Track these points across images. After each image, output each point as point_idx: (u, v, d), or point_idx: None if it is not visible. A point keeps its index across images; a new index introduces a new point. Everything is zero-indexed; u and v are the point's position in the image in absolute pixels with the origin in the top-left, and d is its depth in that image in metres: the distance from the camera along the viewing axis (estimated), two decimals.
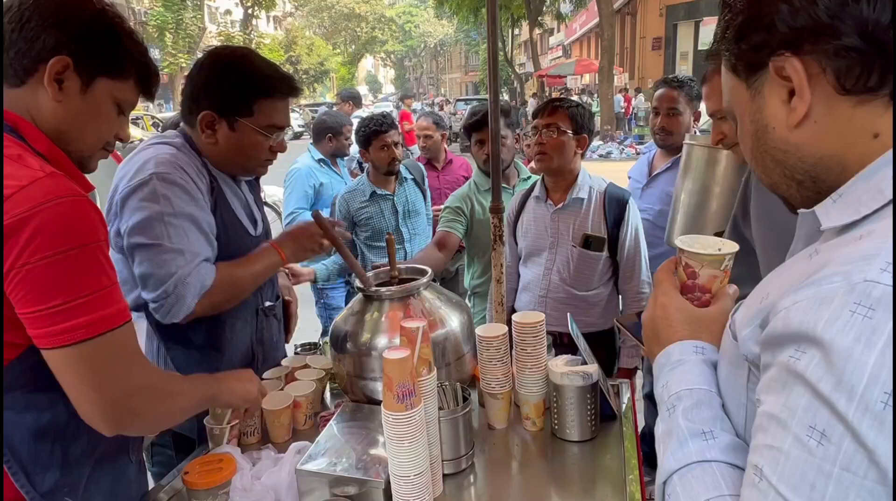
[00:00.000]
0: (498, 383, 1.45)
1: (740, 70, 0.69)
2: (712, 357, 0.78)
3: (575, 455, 1.38)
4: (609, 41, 16.65)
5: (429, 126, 3.73)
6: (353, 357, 1.49)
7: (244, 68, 1.48)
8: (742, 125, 0.72)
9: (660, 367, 0.81)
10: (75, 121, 1.05)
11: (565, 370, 1.40)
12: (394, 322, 1.46)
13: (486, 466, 1.35)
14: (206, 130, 1.48)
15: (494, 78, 1.78)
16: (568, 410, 1.40)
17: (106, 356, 0.96)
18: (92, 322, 0.94)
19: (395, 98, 59.56)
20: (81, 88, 1.04)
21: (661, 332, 0.83)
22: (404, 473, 1.12)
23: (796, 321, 0.55)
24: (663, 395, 0.77)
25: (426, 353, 1.21)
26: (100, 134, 1.11)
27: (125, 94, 1.11)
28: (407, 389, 1.09)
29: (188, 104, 1.51)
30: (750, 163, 0.74)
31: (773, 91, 0.65)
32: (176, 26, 27.21)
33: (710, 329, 0.81)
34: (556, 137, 2.10)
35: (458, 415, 1.28)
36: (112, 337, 0.96)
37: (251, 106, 1.47)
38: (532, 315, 1.47)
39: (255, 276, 1.54)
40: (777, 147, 0.67)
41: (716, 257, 0.85)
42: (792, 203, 0.71)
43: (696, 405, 0.72)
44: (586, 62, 26.27)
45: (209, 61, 1.51)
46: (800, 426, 0.53)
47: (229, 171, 1.58)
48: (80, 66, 1.03)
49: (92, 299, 0.93)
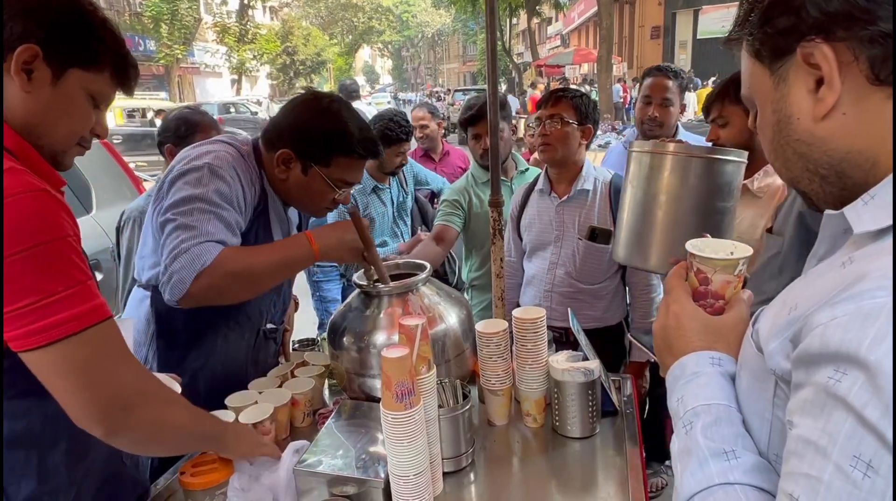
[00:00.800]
0: (498, 379, 1.44)
1: (764, 56, 0.65)
2: (730, 369, 0.74)
3: (576, 452, 1.37)
4: (607, 30, 16.55)
5: (424, 116, 3.70)
6: (352, 354, 1.47)
7: (335, 122, 1.48)
8: (762, 115, 0.69)
9: (674, 379, 0.77)
10: (46, 114, 0.99)
11: (566, 366, 1.38)
12: (392, 318, 1.45)
13: (487, 463, 1.34)
14: (280, 165, 1.50)
15: (493, 69, 1.76)
16: (569, 406, 1.38)
17: (90, 353, 0.92)
18: (69, 319, 0.89)
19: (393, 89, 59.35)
20: (52, 79, 0.98)
21: (675, 342, 0.79)
22: (404, 473, 1.11)
23: (836, 339, 0.51)
24: (678, 410, 0.73)
25: (425, 351, 1.19)
26: (73, 128, 1.05)
27: (100, 86, 1.05)
28: (406, 388, 1.07)
29: (271, 133, 1.52)
30: (768, 155, 0.70)
31: (800, 79, 0.62)
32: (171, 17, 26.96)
33: (727, 339, 0.77)
34: (560, 128, 2.06)
35: (458, 413, 1.26)
36: (94, 334, 0.92)
37: (330, 159, 1.49)
38: (532, 311, 1.45)
39: (276, 265, 1.41)
40: (801, 139, 0.63)
41: (729, 262, 0.81)
42: (812, 199, 0.67)
43: (716, 422, 0.68)
44: (585, 52, 26.12)
45: (306, 105, 1.52)
46: (842, 456, 0.49)
47: (288, 201, 1.60)
48: (51, 55, 0.97)
49: (65, 296, 0.89)
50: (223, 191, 1.38)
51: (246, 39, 31.45)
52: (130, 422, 0.97)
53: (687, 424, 0.70)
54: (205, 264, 1.29)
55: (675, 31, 22.02)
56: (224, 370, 1.57)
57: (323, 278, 3.49)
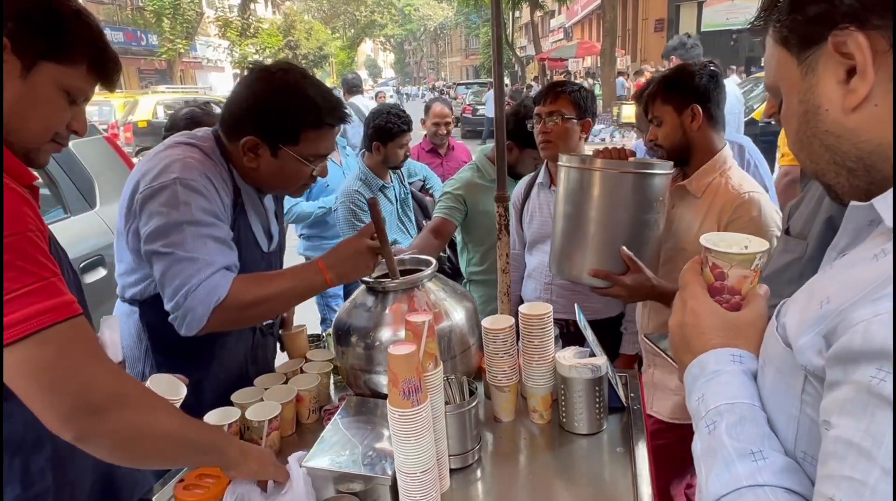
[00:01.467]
0: (504, 375, 1.43)
1: (792, 44, 0.63)
2: (751, 366, 0.72)
3: (583, 448, 1.36)
4: (611, 23, 16.45)
5: (448, 114, 3.70)
6: (357, 351, 1.47)
7: (297, 97, 1.39)
8: (788, 105, 0.66)
9: (693, 378, 0.75)
10: (15, 108, 0.95)
11: (573, 363, 1.37)
12: (398, 315, 1.44)
13: (493, 460, 1.33)
14: (247, 154, 1.42)
15: (499, 63, 1.74)
16: (576, 402, 1.38)
17: (53, 353, 0.85)
18: (27, 317, 0.83)
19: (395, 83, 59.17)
20: (21, 72, 0.95)
21: (693, 340, 0.77)
22: (411, 469, 1.10)
23: (880, 337, 0.49)
24: (699, 409, 0.71)
25: (432, 347, 1.18)
26: (45, 124, 1.01)
27: (74, 81, 1.01)
28: (413, 385, 1.06)
29: (230, 121, 1.44)
30: (793, 146, 0.68)
31: (829, 69, 0.60)
32: (173, 11, 26.93)
33: (746, 335, 0.75)
34: (560, 124, 2.06)
35: (465, 410, 1.26)
36: (58, 332, 0.86)
37: (298, 136, 1.41)
38: (539, 307, 1.44)
39: (288, 294, 1.39)
40: (829, 131, 0.61)
41: (746, 257, 0.79)
42: (837, 192, 0.65)
43: (741, 421, 0.66)
44: (588, 45, 26.01)
45: (259, 84, 1.42)
46: (889, 458, 0.47)
47: (262, 189, 1.54)
48: (19, 47, 0.93)
49: (24, 293, 0.84)
50: (205, 207, 1.34)
51: (248, 34, 31.38)
52: (102, 427, 0.89)
53: (710, 423, 0.68)
54: (219, 298, 1.28)
55: (679, 24, 21.87)
56: (226, 376, 1.56)
57: None
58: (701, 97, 1.72)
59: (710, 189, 1.73)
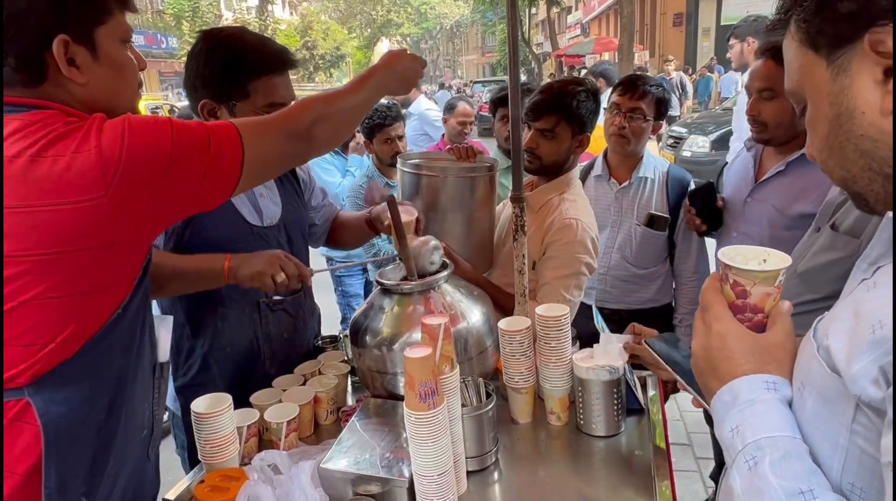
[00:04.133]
0: (521, 377, 1.43)
1: (821, 44, 0.59)
2: (786, 393, 0.68)
3: (601, 451, 1.35)
4: (628, 18, 16.33)
5: (471, 113, 3.71)
6: (374, 352, 1.47)
7: (232, 50, 1.43)
8: (816, 109, 0.63)
9: (724, 406, 0.71)
10: (109, 87, 1.02)
11: (591, 364, 1.36)
12: (414, 316, 1.44)
13: (510, 462, 1.33)
14: (209, 119, 1.45)
15: (515, 62, 1.73)
16: (593, 404, 1.37)
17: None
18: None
19: None
20: (91, 55, 0.99)
21: (720, 364, 0.73)
22: (428, 472, 1.10)
23: None
24: (734, 442, 0.67)
25: (448, 350, 1.18)
26: (132, 80, 1.07)
27: (122, 27, 1.05)
28: (430, 388, 1.06)
29: (189, 93, 1.50)
30: (820, 152, 0.64)
31: (864, 69, 0.57)
32: (192, 14, 27.30)
33: (777, 358, 0.71)
34: (639, 124, 2.10)
35: (482, 412, 1.25)
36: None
37: (246, 88, 1.44)
38: (556, 308, 1.44)
39: (188, 270, 1.41)
40: (866, 135, 0.58)
41: (769, 274, 0.75)
42: (869, 201, 0.61)
43: (785, 457, 0.62)
44: (605, 40, 25.77)
45: (199, 47, 1.47)
46: None
47: None
48: (76, 34, 0.97)
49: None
50: None
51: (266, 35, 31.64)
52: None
53: (749, 458, 0.64)
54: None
55: (698, 18, 21.57)
56: (233, 351, 1.57)
57: (345, 273, 3.50)
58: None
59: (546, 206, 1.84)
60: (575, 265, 1.76)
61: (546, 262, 1.79)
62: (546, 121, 1.83)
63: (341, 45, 40.01)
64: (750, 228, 1.93)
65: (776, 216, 1.86)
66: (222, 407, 1.27)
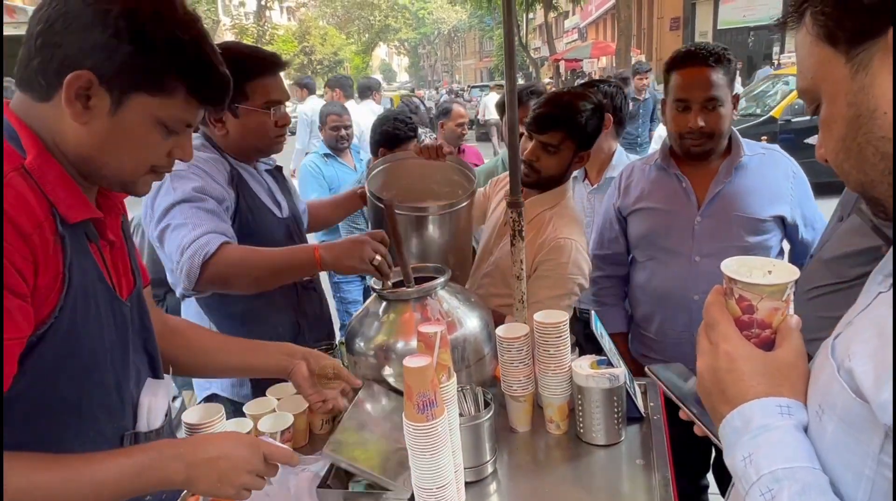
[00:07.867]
0: (520, 385, 1.40)
1: (841, 39, 0.56)
2: (801, 418, 0.64)
3: (601, 460, 1.33)
4: (626, 22, 16.35)
5: (466, 114, 3.69)
6: (369, 360, 1.45)
7: (228, 58, 1.46)
8: (832, 108, 0.59)
9: (735, 432, 0.66)
10: (103, 146, 0.89)
11: (590, 372, 1.34)
12: (410, 323, 1.42)
13: (509, 471, 1.31)
14: (215, 124, 1.59)
15: (511, 66, 1.71)
16: (593, 413, 1.34)
17: None
18: None
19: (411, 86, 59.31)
20: (110, 108, 0.88)
21: (729, 387, 0.68)
22: (427, 485, 1.08)
23: None
24: (748, 471, 0.63)
25: (445, 359, 1.16)
26: (139, 159, 0.94)
27: (170, 111, 0.92)
28: (428, 399, 1.04)
29: None
30: (836, 154, 0.60)
31: (887, 65, 0.53)
32: None
33: (790, 379, 0.66)
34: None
35: (480, 422, 1.23)
36: None
37: (244, 90, 1.54)
38: (555, 315, 1.41)
39: (275, 261, 1.48)
40: (886, 137, 0.54)
41: (778, 287, 0.70)
42: (886, 207, 0.58)
43: (804, 490, 0.58)
44: (603, 45, 25.82)
45: None
46: None
47: (248, 156, 1.67)
48: (107, 81, 0.86)
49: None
50: (197, 186, 1.48)
51: (264, 40, 31.73)
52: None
53: (765, 491, 0.60)
54: (208, 253, 1.38)
55: (696, 22, 21.64)
56: (283, 329, 1.69)
57: (343, 279, 3.49)
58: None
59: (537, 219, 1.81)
60: (568, 285, 1.74)
61: (538, 281, 1.75)
62: (551, 136, 1.77)
63: (339, 50, 40.12)
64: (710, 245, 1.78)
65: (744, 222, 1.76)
66: (215, 418, 1.25)
